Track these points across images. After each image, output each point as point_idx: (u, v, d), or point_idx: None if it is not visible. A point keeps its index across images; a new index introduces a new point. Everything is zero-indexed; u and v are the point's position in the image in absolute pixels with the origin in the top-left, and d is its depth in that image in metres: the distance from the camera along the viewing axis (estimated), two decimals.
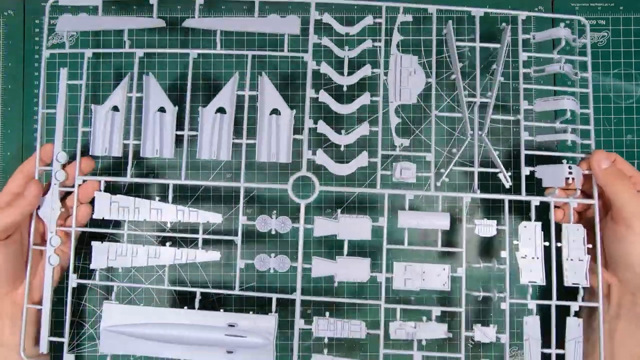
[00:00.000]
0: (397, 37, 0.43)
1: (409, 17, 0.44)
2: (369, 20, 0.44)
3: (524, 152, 0.42)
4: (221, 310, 0.41)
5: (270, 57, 0.48)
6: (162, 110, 0.43)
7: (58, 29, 0.43)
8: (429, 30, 0.42)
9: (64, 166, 0.42)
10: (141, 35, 0.49)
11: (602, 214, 0.41)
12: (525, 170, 0.41)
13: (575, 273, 0.40)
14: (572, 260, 0.40)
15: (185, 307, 0.41)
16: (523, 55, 0.43)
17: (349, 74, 0.42)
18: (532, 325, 0.40)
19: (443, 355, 0.41)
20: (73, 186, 0.42)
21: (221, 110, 0.43)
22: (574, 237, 0.40)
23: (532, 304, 0.40)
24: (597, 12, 0.49)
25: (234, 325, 0.40)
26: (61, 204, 0.42)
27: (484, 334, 0.40)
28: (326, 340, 0.41)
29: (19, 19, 0.49)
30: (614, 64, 0.48)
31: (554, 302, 0.40)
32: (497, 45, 0.44)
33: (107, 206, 0.41)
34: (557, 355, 0.38)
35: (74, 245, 0.42)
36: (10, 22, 0.50)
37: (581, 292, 0.40)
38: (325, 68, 0.43)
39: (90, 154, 0.42)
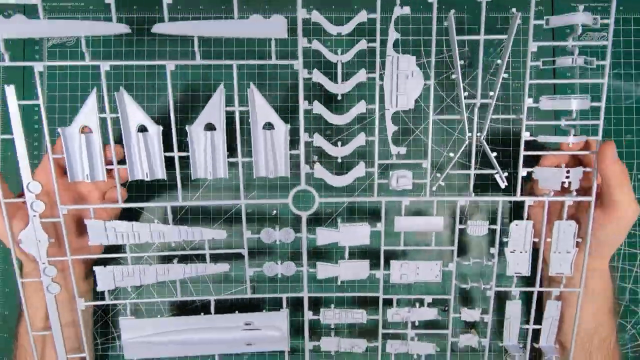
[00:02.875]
0: (393, 35, 0.36)
1: (406, 10, 0.36)
2: (362, 16, 0.36)
3: (522, 153, 0.38)
4: (236, 312, 0.41)
5: (258, 67, 0.42)
6: (143, 129, 0.37)
7: None
8: (429, 29, 0.37)
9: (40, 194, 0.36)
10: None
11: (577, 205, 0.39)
12: (523, 172, 0.38)
13: (560, 265, 0.40)
14: (559, 253, 0.39)
15: (202, 314, 0.41)
16: (533, 45, 0.36)
17: (344, 78, 0.37)
18: (513, 306, 0.41)
19: (432, 332, 0.43)
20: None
21: (210, 126, 0.38)
22: (564, 231, 0.39)
23: (515, 291, 0.41)
24: (597, 12, 0.42)
25: (249, 323, 0.41)
26: (48, 235, 0.37)
27: (470, 315, 0.42)
28: (332, 326, 0.42)
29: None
30: (614, 64, 0.44)
31: (536, 289, 0.40)
32: (504, 37, 0.37)
33: (103, 232, 0.37)
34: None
35: (74, 274, 0.38)
36: None
37: (564, 280, 0.40)
38: (317, 76, 0.37)
39: (69, 181, 0.37)
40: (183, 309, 0.46)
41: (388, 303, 0.43)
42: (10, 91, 0.35)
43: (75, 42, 0.43)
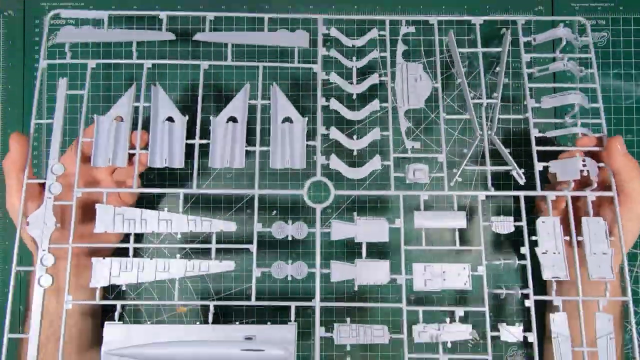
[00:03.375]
0: (401, 48, 0.40)
1: (411, 29, 0.41)
2: (373, 33, 0.41)
3: (535, 148, 0.38)
4: (236, 323, 0.37)
5: (281, 69, 0.45)
6: (170, 120, 0.38)
7: (59, 40, 0.38)
8: (431, 40, 0.41)
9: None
10: (147, 46, 0.44)
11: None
12: (539, 166, 0.38)
13: (600, 267, 0.35)
14: (595, 254, 0.36)
15: (198, 323, 0.36)
16: (526, 57, 0.40)
17: (358, 82, 0.40)
18: (559, 322, 0.35)
19: (470, 357, 0.38)
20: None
21: (232, 119, 0.39)
22: (595, 230, 0.36)
23: (557, 300, 0.36)
24: (597, 12, 0.45)
25: (251, 338, 0.35)
26: (55, 219, 0.35)
27: (511, 332, 0.36)
28: (348, 348, 0.36)
29: (19, 19, 0.45)
30: (613, 64, 0.45)
31: (580, 298, 0.35)
32: (499, 49, 0.41)
33: (111, 219, 0.35)
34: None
35: (70, 264, 0.35)
36: (10, 22, 0.45)
37: (608, 286, 0.36)
38: (334, 78, 0.40)
39: (92, 165, 0.37)
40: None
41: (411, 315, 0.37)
42: (63, 83, 0.38)
43: (76, 42, 0.46)
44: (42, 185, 0.36)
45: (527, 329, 0.36)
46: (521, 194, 0.38)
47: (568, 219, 0.37)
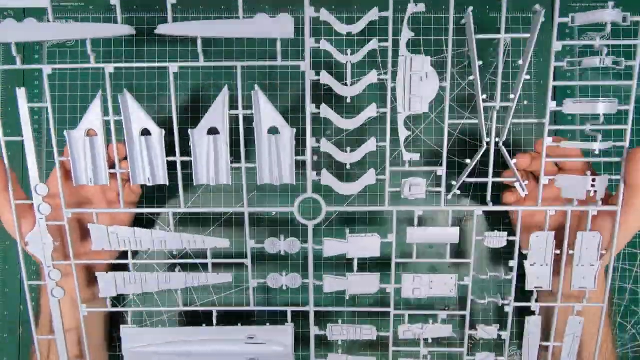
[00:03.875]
0: (407, 34, 0.33)
1: (421, 7, 0.33)
2: (373, 14, 0.33)
3: (544, 160, 0.35)
4: (239, 324, 0.39)
5: (263, 68, 0.40)
6: (146, 132, 0.35)
7: (0, 39, 0.32)
8: (439, 29, 0.36)
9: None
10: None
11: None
12: (545, 180, 0.35)
13: (584, 278, 0.37)
14: (582, 266, 0.36)
15: (204, 325, 0.38)
16: (557, 45, 0.33)
17: (353, 81, 0.35)
18: (533, 323, 0.38)
19: (447, 350, 0.41)
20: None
21: (213, 130, 0.35)
22: (587, 244, 0.36)
23: (535, 307, 0.38)
24: None
25: (252, 337, 0.39)
26: (53, 238, 0.35)
27: (486, 332, 0.39)
28: (340, 342, 0.39)
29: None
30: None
31: (557, 305, 0.37)
32: (526, 36, 0.34)
33: (105, 237, 0.36)
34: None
35: (77, 278, 0.36)
36: None
37: (587, 294, 0.37)
38: (325, 78, 0.34)
39: (74, 184, 0.35)
40: (185, 318, 0.44)
41: (398, 317, 0.40)
42: (22, 94, 0.33)
43: (76, 43, 0.42)
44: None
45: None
46: (519, 209, 0.37)
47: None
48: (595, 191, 0.35)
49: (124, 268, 0.38)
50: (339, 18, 0.34)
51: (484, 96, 0.35)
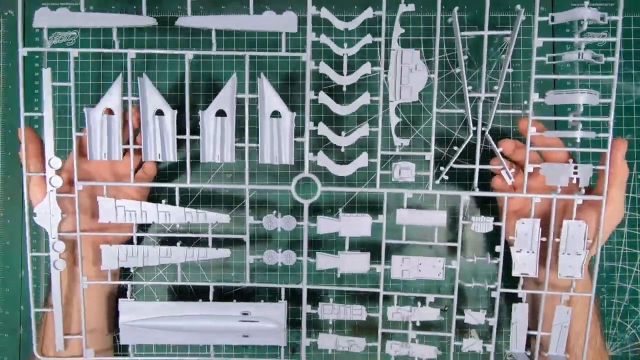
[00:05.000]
0: (398, 30, 0.36)
1: (411, 7, 0.36)
2: (368, 12, 0.37)
3: (528, 149, 0.37)
4: (234, 301, 0.40)
5: (269, 58, 0.43)
6: (160, 113, 0.38)
7: (35, 24, 0.35)
8: (429, 29, 0.40)
9: (59, 171, 0.37)
10: (132, 35, 0.44)
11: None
12: (529, 168, 0.37)
13: (571, 267, 0.37)
14: (569, 254, 0.37)
15: (200, 300, 0.39)
16: (538, 41, 0.35)
17: (349, 72, 0.38)
18: (520, 311, 0.39)
19: (435, 334, 0.41)
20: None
21: (221, 112, 0.38)
22: (573, 232, 0.37)
23: (522, 294, 0.38)
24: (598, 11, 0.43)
25: (247, 314, 0.40)
26: (61, 210, 0.37)
27: (473, 317, 0.39)
28: (331, 322, 0.41)
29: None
30: (613, 63, 0.39)
31: (544, 292, 0.38)
32: (508, 33, 0.37)
33: (113, 210, 0.37)
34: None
35: (80, 250, 0.38)
36: (10, 22, 0.45)
37: (574, 284, 0.38)
38: (324, 68, 0.37)
39: (88, 159, 0.37)
40: (181, 294, 0.45)
41: (388, 300, 0.41)
42: (47, 73, 0.37)
43: (75, 43, 0.46)
44: None
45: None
46: (506, 195, 0.39)
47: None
48: (578, 178, 0.36)
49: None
50: (339, 17, 0.38)
51: (470, 87, 0.37)
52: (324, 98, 0.38)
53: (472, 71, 0.43)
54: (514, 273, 0.38)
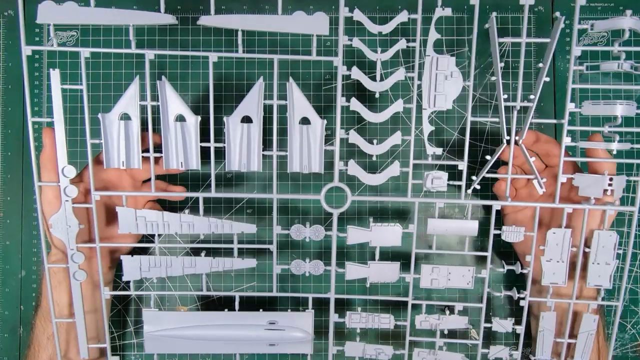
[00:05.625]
0: (433, 35, 0.35)
1: (448, 11, 0.35)
2: (403, 16, 0.35)
3: (562, 159, 0.36)
4: (260, 310, 0.39)
5: (298, 61, 0.41)
6: (181, 118, 0.36)
7: (39, 20, 0.32)
8: (462, 30, 0.36)
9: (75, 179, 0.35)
10: (143, 34, 0.41)
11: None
12: (562, 178, 0.36)
13: (600, 276, 0.37)
14: (598, 264, 0.37)
15: (226, 310, 0.39)
16: (577, 50, 0.35)
17: (383, 77, 0.36)
18: (548, 319, 0.39)
19: (464, 342, 0.41)
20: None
21: (247, 118, 0.37)
22: (604, 243, 0.37)
23: (550, 302, 0.38)
24: (597, 12, 0.42)
25: (273, 323, 0.39)
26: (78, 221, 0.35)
27: (501, 325, 0.39)
28: (358, 330, 0.40)
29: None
30: None
31: (572, 301, 0.38)
32: (547, 40, 0.35)
33: (133, 221, 0.36)
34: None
35: (100, 261, 0.36)
36: (10, 22, 0.43)
37: (602, 293, 0.38)
38: (356, 74, 0.36)
39: (105, 167, 0.36)
40: (206, 303, 0.44)
41: (416, 308, 0.41)
42: (55, 75, 0.34)
43: (75, 42, 0.43)
44: None
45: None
46: (537, 204, 0.39)
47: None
48: (613, 190, 0.36)
49: (142, 254, 0.39)
50: (372, 19, 0.36)
51: (505, 96, 0.36)
52: (356, 105, 0.37)
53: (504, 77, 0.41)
54: (544, 282, 0.38)
